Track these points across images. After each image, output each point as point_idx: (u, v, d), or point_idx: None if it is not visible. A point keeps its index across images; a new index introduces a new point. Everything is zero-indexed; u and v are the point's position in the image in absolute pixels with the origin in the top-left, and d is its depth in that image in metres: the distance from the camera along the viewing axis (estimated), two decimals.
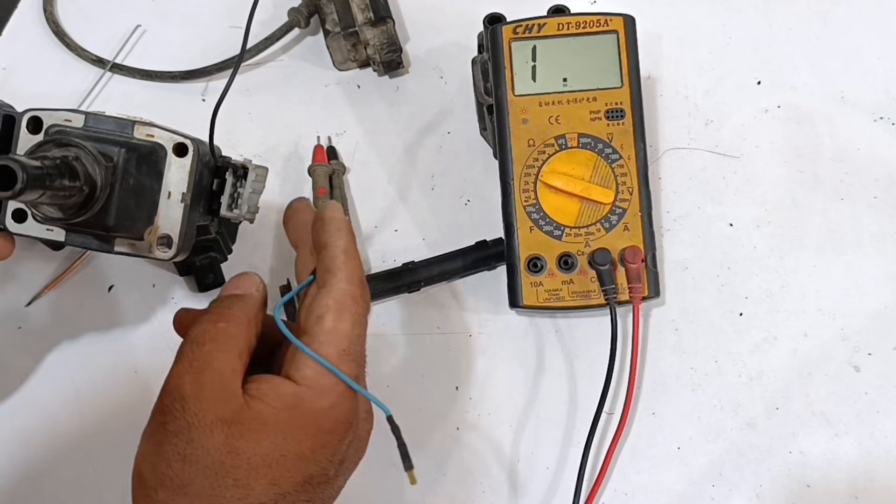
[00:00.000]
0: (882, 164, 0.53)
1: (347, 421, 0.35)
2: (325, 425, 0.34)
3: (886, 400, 0.48)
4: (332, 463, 0.34)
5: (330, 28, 0.56)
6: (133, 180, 0.38)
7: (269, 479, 0.32)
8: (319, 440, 0.33)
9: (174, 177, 0.38)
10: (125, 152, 0.38)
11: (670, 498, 0.47)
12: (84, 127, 0.38)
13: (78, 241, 0.40)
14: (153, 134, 0.38)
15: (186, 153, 0.38)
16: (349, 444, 0.35)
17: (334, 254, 0.36)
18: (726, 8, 0.59)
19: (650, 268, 0.48)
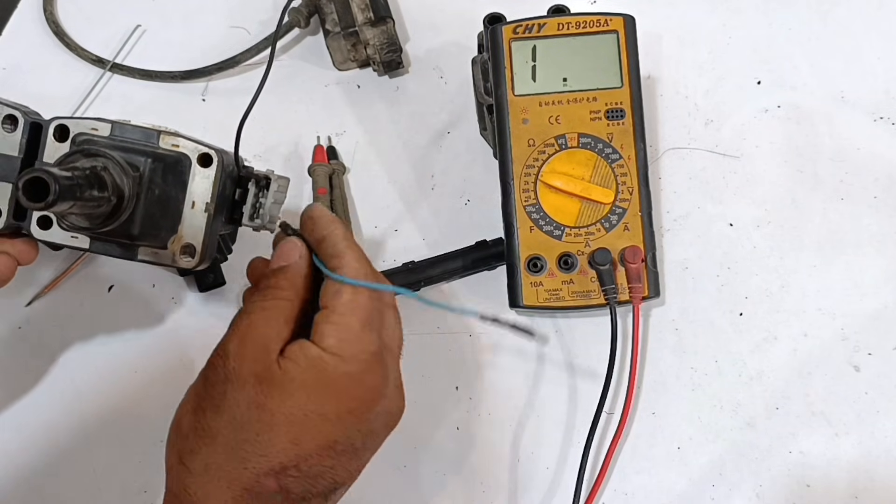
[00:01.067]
0: (882, 164, 0.53)
1: (374, 391, 0.35)
2: (350, 391, 0.34)
3: (886, 400, 0.48)
4: (360, 433, 0.35)
5: (330, 28, 0.56)
6: (158, 190, 0.38)
7: (291, 437, 0.33)
8: (344, 405, 0.34)
9: (198, 187, 0.39)
10: (151, 162, 0.38)
11: (670, 498, 0.47)
12: (110, 136, 0.39)
13: (101, 249, 0.40)
14: (178, 144, 0.39)
15: (211, 163, 0.39)
16: (377, 417, 0.35)
17: (335, 241, 0.37)
18: (726, 8, 0.59)
19: (650, 268, 0.48)
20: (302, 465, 0.33)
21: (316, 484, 0.34)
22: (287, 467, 0.33)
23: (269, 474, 0.33)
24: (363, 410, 0.35)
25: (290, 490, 0.33)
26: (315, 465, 0.34)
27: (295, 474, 0.33)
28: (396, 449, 0.49)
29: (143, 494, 0.49)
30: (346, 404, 0.34)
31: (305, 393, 0.34)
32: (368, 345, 0.35)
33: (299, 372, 0.34)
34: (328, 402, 0.34)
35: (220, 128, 0.57)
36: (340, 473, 0.35)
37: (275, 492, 0.33)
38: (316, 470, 0.34)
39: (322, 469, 0.34)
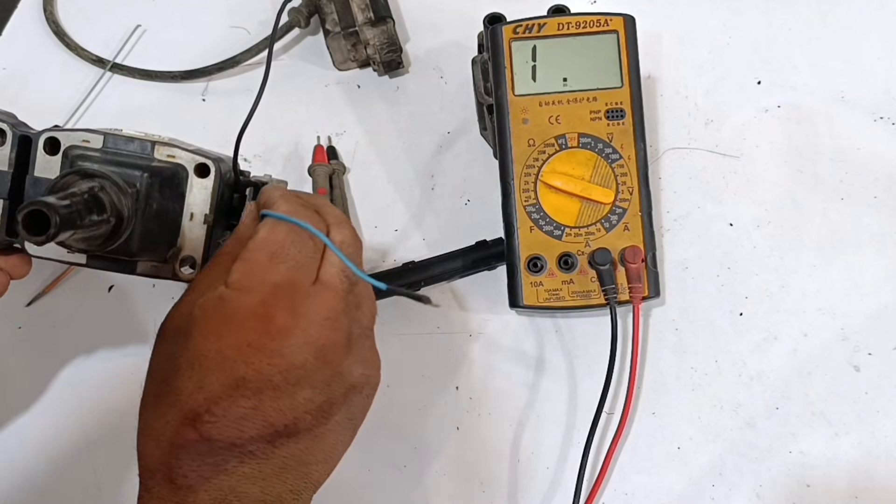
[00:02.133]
0: (882, 164, 0.53)
1: (277, 322, 0.33)
2: (247, 323, 0.32)
3: (886, 400, 0.48)
4: (273, 367, 0.32)
5: (330, 28, 0.56)
6: (156, 204, 0.37)
7: (195, 381, 0.32)
8: (243, 338, 0.32)
9: (196, 198, 0.38)
10: (148, 177, 0.37)
11: (670, 498, 0.47)
12: (103, 148, 0.37)
13: (99, 265, 0.39)
14: (174, 155, 0.38)
15: (208, 174, 0.38)
16: (294, 350, 0.33)
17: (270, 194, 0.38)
18: (726, 8, 0.59)
19: (650, 268, 0.48)
20: (214, 408, 0.31)
21: (243, 427, 0.32)
22: (199, 413, 0.31)
23: (185, 424, 0.32)
24: (267, 341, 0.32)
25: (213, 437, 0.31)
26: (230, 406, 0.32)
27: (210, 419, 0.31)
28: (396, 449, 0.49)
29: None
30: (245, 337, 0.32)
31: (204, 333, 0.32)
32: (272, 275, 0.33)
33: (201, 314, 0.33)
34: (225, 337, 0.32)
35: (220, 128, 0.58)
36: (271, 414, 0.32)
37: (196, 441, 0.31)
38: (234, 412, 0.32)
39: (243, 411, 0.32)
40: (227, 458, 0.32)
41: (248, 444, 0.32)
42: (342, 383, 0.35)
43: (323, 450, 0.35)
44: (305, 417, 0.33)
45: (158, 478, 0.32)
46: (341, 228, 0.37)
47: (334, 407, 0.34)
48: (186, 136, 0.54)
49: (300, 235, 0.35)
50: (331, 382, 0.34)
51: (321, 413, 0.34)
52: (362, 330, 0.36)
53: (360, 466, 0.48)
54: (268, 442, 0.32)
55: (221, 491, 0.32)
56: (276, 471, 0.33)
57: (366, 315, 0.37)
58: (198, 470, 0.32)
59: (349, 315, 0.35)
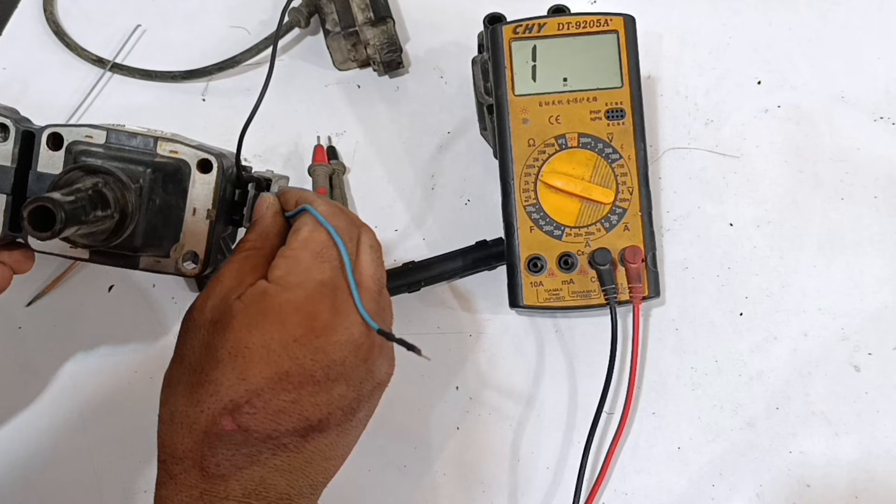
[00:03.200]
0: (882, 164, 0.53)
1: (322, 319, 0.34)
2: (293, 319, 0.33)
3: (886, 400, 0.48)
4: (315, 362, 0.33)
5: (330, 28, 0.56)
6: (159, 200, 0.38)
7: (237, 372, 0.32)
8: (289, 333, 0.33)
9: (198, 193, 0.38)
10: (151, 173, 0.37)
11: (670, 498, 0.47)
12: (106, 144, 0.37)
13: (102, 260, 0.39)
14: (177, 150, 0.38)
15: (211, 169, 0.38)
16: (335, 347, 0.34)
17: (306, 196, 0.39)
18: (726, 8, 0.59)
19: (650, 267, 0.48)
20: (255, 400, 0.32)
21: (280, 420, 0.32)
22: (240, 404, 0.32)
23: (223, 413, 0.32)
24: (312, 338, 0.33)
25: (251, 429, 0.32)
26: (271, 399, 0.32)
27: (250, 411, 0.32)
28: (396, 449, 0.49)
29: (143, 494, 0.49)
30: (290, 332, 0.33)
31: (248, 326, 0.33)
32: (317, 273, 0.35)
33: (241, 308, 0.34)
34: (271, 331, 0.33)
35: (221, 128, 0.58)
36: (308, 408, 0.33)
37: (233, 431, 0.32)
38: (274, 405, 0.32)
39: (282, 404, 0.32)
40: (261, 449, 0.32)
41: (283, 437, 0.33)
42: (371, 381, 0.36)
43: (344, 445, 0.36)
44: (337, 413, 0.34)
45: (187, 465, 0.33)
46: (368, 232, 0.39)
47: (361, 403, 0.36)
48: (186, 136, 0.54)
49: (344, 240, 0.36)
50: (364, 380, 0.35)
51: (350, 409, 0.35)
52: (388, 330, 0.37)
53: (360, 466, 0.48)
54: (301, 436, 0.33)
55: (252, 481, 0.32)
56: (303, 464, 0.34)
57: (390, 315, 0.39)
58: (231, 459, 0.32)
59: (380, 316, 0.36)
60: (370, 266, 0.37)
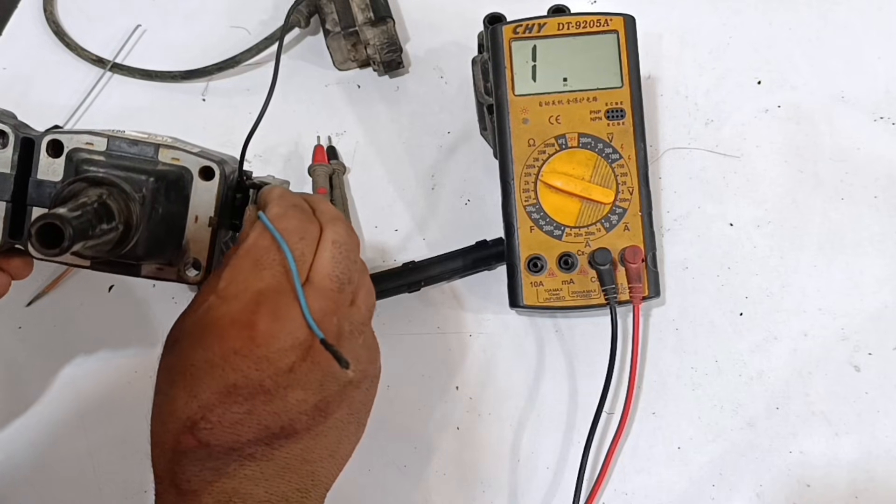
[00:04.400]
0: (882, 164, 0.53)
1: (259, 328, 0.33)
2: (231, 331, 0.33)
3: (886, 400, 0.48)
4: (261, 372, 0.32)
5: (330, 28, 0.56)
6: (161, 209, 0.37)
7: (187, 390, 0.33)
8: (229, 346, 0.32)
9: (200, 200, 0.38)
10: (153, 182, 0.36)
11: (670, 498, 0.47)
12: (107, 151, 0.37)
13: (104, 268, 0.39)
14: (178, 157, 0.37)
15: (213, 176, 0.37)
16: (280, 354, 0.33)
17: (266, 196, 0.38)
18: (726, 8, 0.59)
19: (650, 267, 0.48)
20: (209, 415, 0.32)
21: (238, 432, 0.32)
22: (195, 421, 0.32)
23: (183, 431, 0.32)
24: (253, 348, 0.32)
25: (211, 443, 0.32)
26: (224, 413, 0.32)
27: (206, 426, 0.32)
28: (396, 449, 0.49)
29: (142, 494, 0.49)
30: (230, 345, 0.32)
31: (192, 343, 0.33)
32: (255, 281, 0.34)
33: (188, 325, 0.34)
34: (212, 346, 0.33)
35: (221, 128, 0.58)
36: (265, 417, 0.33)
37: (196, 447, 0.32)
38: (229, 418, 0.32)
39: (236, 416, 0.32)
40: (226, 461, 0.32)
41: (247, 448, 0.33)
42: (336, 382, 0.35)
43: (326, 447, 0.35)
44: (301, 418, 0.34)
45: (166, 484, 0.33)
46: (335, 227, 0.37)
47: (331, 405, 0.35)
48: (186, 137, 0.54)
49: (290, 242, 0.35)
50: (324, 382, 0.34)
51: (318, 412, 0.34)
52: (355, 326, 0.36)
53: (360, 466, 0.48)
54: (266, 444, 0.33)
55: (225, 493, 0.32)
56: (279, 471, 0.33)
57: (360, 311, 0.37)
58: (200, 475, 0.32)
59: (340, 314, 0.35)
60: (328, 264, 0.36)
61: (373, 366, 0.38)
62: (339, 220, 0.38)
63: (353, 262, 0.37)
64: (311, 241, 0.36)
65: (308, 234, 0.36)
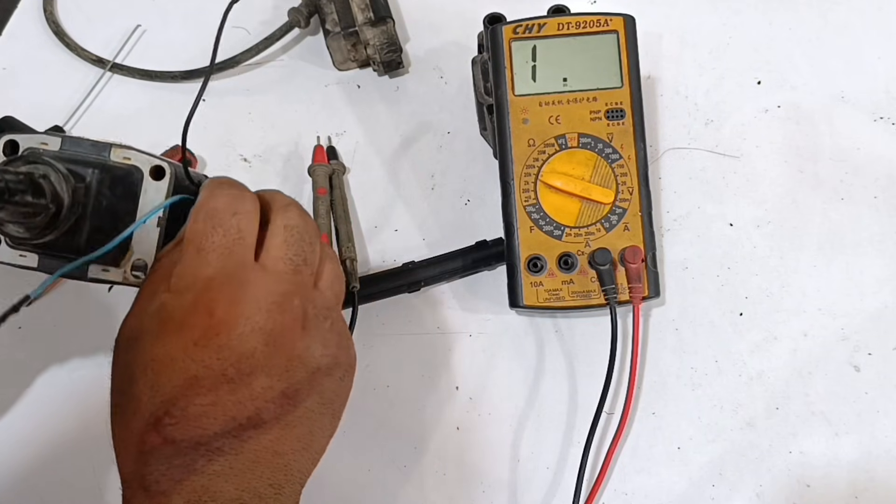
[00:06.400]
0: (882, 164, 0.53)
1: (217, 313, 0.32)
2: (188, 322, 0.32)
3: (886, 400, 0.48)
4: (224, 360, 0.32)
5: (330, 28, 0.56)
6: (107, 202, 0.37)
7: (148, 386, 0.32)
8: (187, 338, 0.32)
9: (150, 200, 0.37)
10: (98, 173, 0.36)
11: (670, 498, 0.47)
12: (59, 150, 0.37)
13: (51, 267, 0.38)
14: (130, 157, 0.37)
15: (164, 176, 0.37)
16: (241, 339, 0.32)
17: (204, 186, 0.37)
18: (726, 8, 0.59)
19: (650, 268, 0.48)
20: (173, 409, 0.31)
21: (204, 425, 0.32)
22: (159, 417, 0.31)
23: (147, 430, 0.32)
24: (212, 336, 0.32)
25: (177, 439, 0.31)
26: (187, 406, 0.31)
27: (171, 421, 0.31)
28: (396, 449, 0.49)
29: None
30: (189, 336, 0.32)
31: (152, 339, 0.33)
32: (202, 269, 0.33)
33: (148, 320, 0.33)
34: (170, 340, 0.32)
35: (221, 127, 0.58)
36: (231, 408, 0.32)
37: (161, 445, 0.31)
38: (193, 411, 0.31)
39: (201, 408, 0.31)
40: (194, 457, 0.31)
41: (214, 441, 0.32)
42: (303, 367, 0.34)
43: (297, 438, 0.34)
44: (268, 406, 0.33)
45: (134, 487, 0.32)
46: (287, 212, 0.36)
47: (300, 393, 0.34)
48: (186, 137, 0.54)
49: (222, 220, 0.34)
50: (289, 368, 0.33)
51: (286, 400, 0.33)
52: (320, 310, 0.35)
53: (360, 466, 0.48)
54: (234, 436, 0.32)
55: (195, 492, 0.31)
56: (249, 465, 0.32)
57: (324, 294, 0.36)
58: (168, 473, 0.31)
59: (301, 295, 0.34)
60: (280, 246, 0.35)
61: (344, 352, 0.36)
62: (292, 206, 0.37)
63: (309, 244, 0.36)
64: (247, 214, 0.35)
65: (242, 208, 0.35)
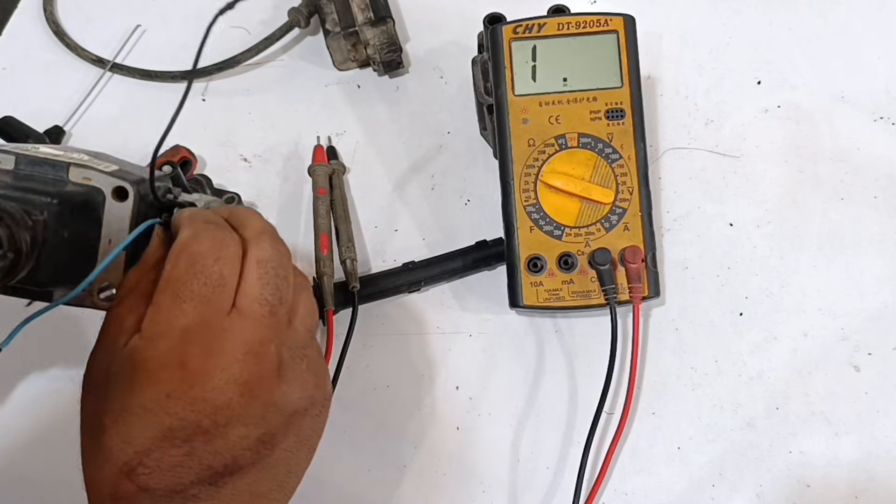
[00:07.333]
0: (882, 164, 0.53)
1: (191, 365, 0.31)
2: (161, 374, 0.31)
3: (886, 400, 0.48)
4: (199, 412, 0.31)
5: (330, 28, 0.56)
6: (68, 232, 0.34)
7: (121, 437, 0.31)
8: (161, 390, 0.31)
9: (114, 222, 0.35)
10: (56, 204, 0.34)
11: (670, 498, 0.47)
12: (14, 170, 0.34)
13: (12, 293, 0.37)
14: (90, 177, 0.35)
15: (127, 197, 0.35)
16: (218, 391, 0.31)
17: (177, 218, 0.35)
18: (726, 8, 0.59)
19: (650, 268, 0.48)
20: (146, 460, 0.30)
21: (180, 474, 0.31)
22: (133, 467, 0.31)
23: (119, 477, 0.31)
24: (186, 389, 0.31)
25: (151, 487, 0.31)
26: (162, 457, 0.31)
27: (145, 471, 0.31)
28: (396, 449, 0.49)
29: None
30: (162, 388, 0.31)
31: (122, 388, 0.31)
32: (178, 318, 0.31)
33: (118, 367, 0.32)
34: (144, 391, 0.31)
35: (221, 127, 0.58)
36: (206, 457, 0.31)
37: (136, 492, 0.31)
38: (168, 461, 0.31)
39: (176, 459, 0.31)
40: None
41: (190, 489, 0.31)
42: (279, 413, 0.33)
43: (274, 479, 0.34)
44: (245, 454, 0.32)
45: None
46: (259, 243, 0.34)
47: (277, 437, 0.33)
48: (186, 137, 0.54)
49: (204, 268, 0.32)
50: (265, 415, 0.33)
51: (262, 446, 0.33)
52: (295, 351, 0.35)
53: (360, 466, 0.48)
54: (210, 484, 0.32)
55: None
56: None
57: (299, 332, 0.35)
58: None
59: (277, 339, 0.34)
60: (255, 287, 0.33)
61: (321, 390, 0.36)
62: (264, 235, 0.35)
63: (284, 279, 0.34)
64: (230, 260, 0.33)
65: (225, 254, 0.33)
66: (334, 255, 0.51)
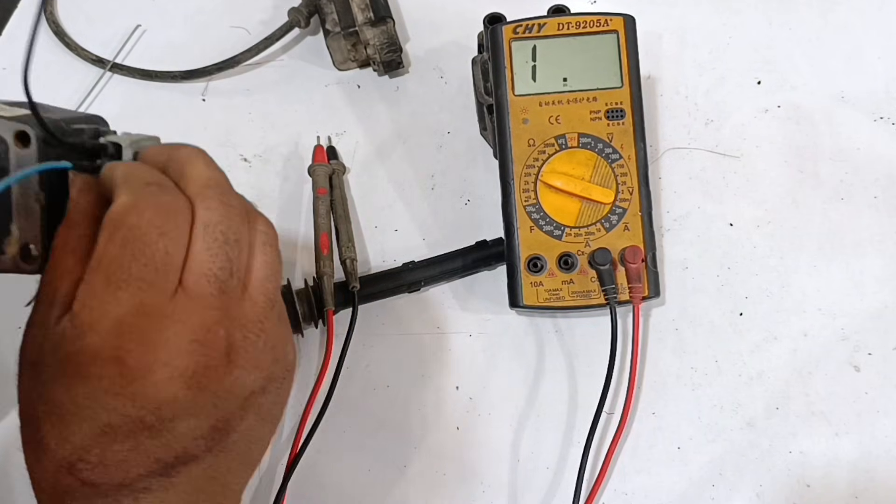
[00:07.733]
0: (882, 164, 0.53)
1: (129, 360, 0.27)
2: (94, 369, 0.27)
3: (886, 400, 0.48)
4: (142, 408, 0.28)
5: (330, 28, 0.56)
6: None
7: (56, 433, 0.28)
8: (94, 386, 0.27)
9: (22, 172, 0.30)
10: None
11: (670, 498, 0.47)
12: None
13: None
14: None
15: (30, 142, 0.30)
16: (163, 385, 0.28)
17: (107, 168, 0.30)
18: (726, 8, 0.59)
19: (650, 268, 0.48)
20: (87, 456, 0.28)
21: (126, 469, 0.28)
22: (73, 462, 0.28)
23: (59, 471, 0.28)
24: (124, 385, 0.27)
25: (96, 482, 0.28)
26: (104, 453, 0.28)
27: (86, 467, 0.28)
28: (396, 449, 0.49)
29: None
30: (96, 384, 0.27)
31: (53, 379, 0.28)
32: (113, 307, 0.27)
33: (50, 347, 0.28)
34: (75, 386, 0.27)
35: (221, 127, 0.58)
36: (154, 450, 0.28)
37: (80, 486, 0.28)
38: (111, 457, 0.28)
39: (120, 454, 0.28)
40: (119, 498, 0.28)
41: (139, 482, 0.28)
42: (233, 398, 0.30)
43: (234, 459, 0.31)
44: (197, 443, 0.29)
45: None
46: (205, 202, 0.30)
47: (232, 422, 0.30)
48: (186, 137, 0.54)
49: (145, 246, 0.28)
50: (217, 403, 0.29)
51: (216, 433, 0.30)
52: (249, 329, 0.30)
53: (360, 466, 0.48)
54: (161, 475, 0.29)
55: None
56: (183, 496, 0.29)
57: (256, 302, 0.31)
58: None
59: (227, 320, 0.29)
60: (202, 259, 0.29)
61: (280, 364, 0.32)
62: (209, 190, 0.30)
63: (235, 243, 0.30)
64: (177, 232, 0.29)
65: (170, 226, 0.28)
66: (334, 255, 0.51)
